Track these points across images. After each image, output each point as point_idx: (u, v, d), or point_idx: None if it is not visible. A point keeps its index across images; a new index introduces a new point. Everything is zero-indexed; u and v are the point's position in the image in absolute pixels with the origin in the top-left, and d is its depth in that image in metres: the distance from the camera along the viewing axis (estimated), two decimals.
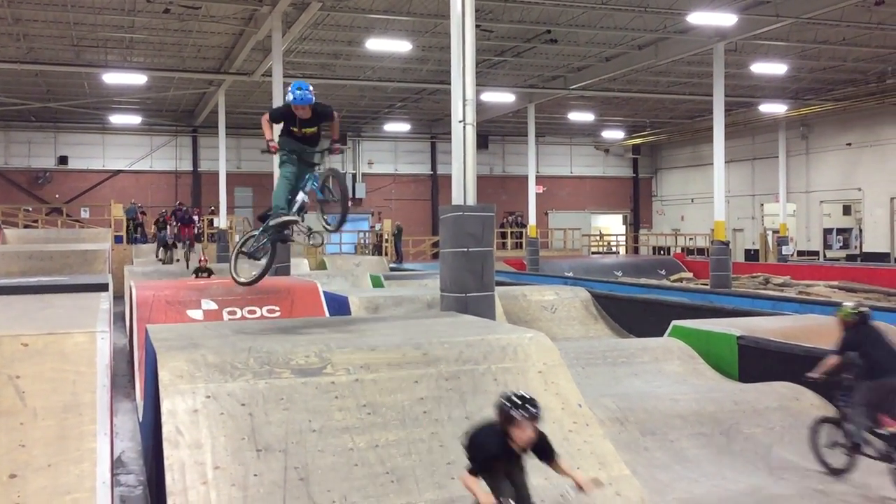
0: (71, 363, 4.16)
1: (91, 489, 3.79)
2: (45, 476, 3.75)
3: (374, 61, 23.91)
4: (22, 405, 3.92)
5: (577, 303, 15.42)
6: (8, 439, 3.82)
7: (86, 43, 21.29)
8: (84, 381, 4.10)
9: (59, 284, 9.33)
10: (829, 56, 23.79)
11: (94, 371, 4.19)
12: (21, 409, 3.91)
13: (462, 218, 7.95)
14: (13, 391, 3.94)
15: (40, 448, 3.83)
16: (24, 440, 3.85)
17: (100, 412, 4.09)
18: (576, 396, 5.62)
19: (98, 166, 33.58)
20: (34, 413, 3.93)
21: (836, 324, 6.62)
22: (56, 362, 4.13)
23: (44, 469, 3.78)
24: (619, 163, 41.79)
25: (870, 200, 30.60)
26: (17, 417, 3.90)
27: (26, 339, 4.16)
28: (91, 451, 3.91)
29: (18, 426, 3.87)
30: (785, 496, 6.06)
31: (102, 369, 4.25)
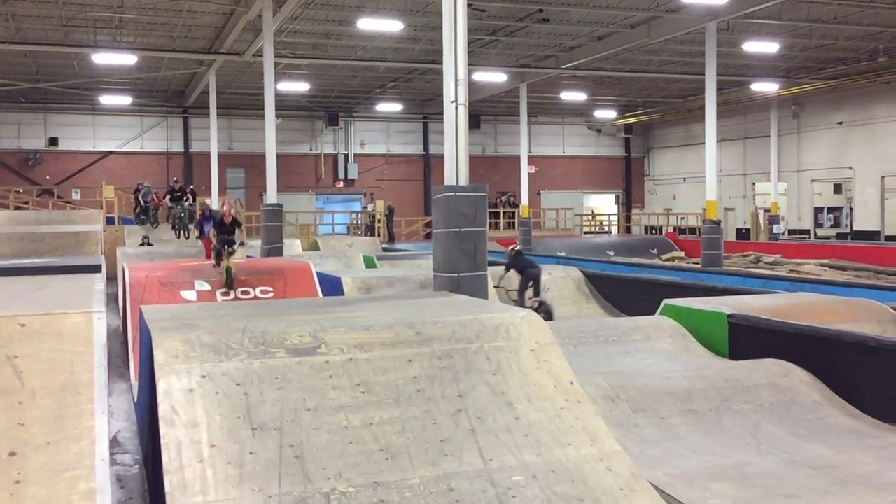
0: (68, 343, 4.20)
1: (90, 466, 3.85)
2: (44, 454, 3.81)
3: (365, 41, 23.81)
4: (20, 385, 3.96)
5: (570, 282, 15.54)
6: (7, 418, 3.87)
7: (75, 23, 21.12)
8: (81, 361, 4.15)
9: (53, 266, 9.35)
10: (821, 35, 23.79)
11: (91, 351, 4.23)
12: (19, 388, 3.96)
13: (454, 198, 7.99)
14: (11, 371, 3.99)
15: (39, 426, 3.88)
16: (23, 419, 3.90)
17: (97, 391, 4.14)
18: (567, 374, 5.69)
19: (89, 147, 33.45)
20: (32, 392, 3.98)
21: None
22: (53, 342, 4.18)
23: (43, 447, 3.84)
24: (612, 142, 41.80)
25: (860, 179, 30.73)
26: (15, 397, 3.95)
27: (24, 320, 4.21)
28: (89, 429, 3.96)
29: (17, 405, 3.92)
30: (773, 471, 6.15)
31: (99, 349, 4.29)
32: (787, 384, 7.60)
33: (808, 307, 9.62)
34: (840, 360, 7.76)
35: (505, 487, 4.75)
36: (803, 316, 8.89)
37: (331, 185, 36.98)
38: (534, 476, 4.82)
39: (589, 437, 5.25)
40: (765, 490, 5.76)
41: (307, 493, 4.49)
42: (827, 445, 6.72)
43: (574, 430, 5.27)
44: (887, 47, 25.42)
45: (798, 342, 8.15)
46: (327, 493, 4.51)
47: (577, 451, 5.11)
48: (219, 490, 4.38)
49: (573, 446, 5.13)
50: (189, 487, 4.34)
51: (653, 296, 12.03)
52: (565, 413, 5.39)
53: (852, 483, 5.89)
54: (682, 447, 6.59)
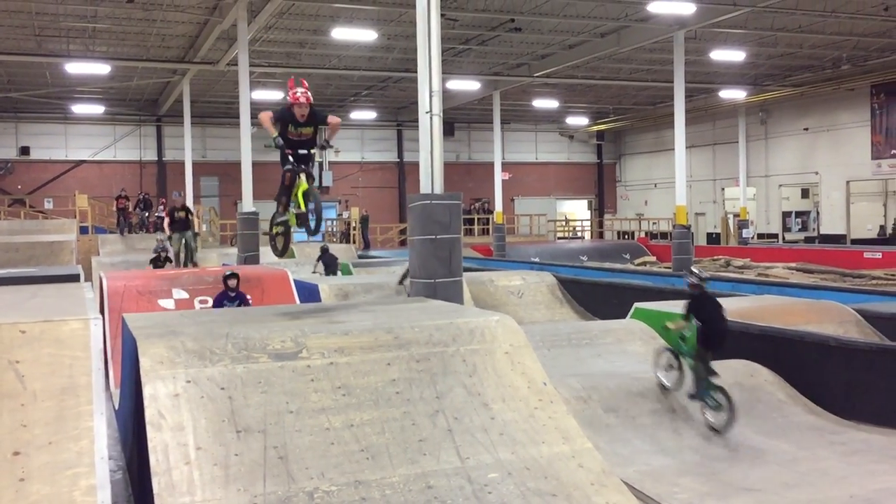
0: (67, 348, 4.35)
1: (90, 464, 4.00)
2: (46, 453, 3.96)
3: (339, 50, 23.98)
4: (22, 388, 4.11)
5: (543, 287, 15.77)
6: (10, 419, 4.02)
7: (48, 33, 21.09)
8: (80, 365, 4.30)
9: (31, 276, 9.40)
10: (786, 43, 24.34)
11: (88, 355, 4.38)
12: (21, 391, 4.10)
13: (430, 206, 8.18)
14: (13, 375, 4.12)
15: (41, 427, 4.02)
16: (26, 420, 4.04)
17: (95, 393, 4.29)
18: (541, 375, 5.89)
19: (61, 156, 33.22)
20: (34, 395, 4.12)
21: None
22: (53, 348, 4.32)
23: (45, 447, 3.98)
24: (584, 149, 42.25)
25: (827, 184, 31.36)
26: (18, 399, 4.10)
27: (24, 327, 4.35)
28: (89, 429, 4.11)
29: (20, 407, 4.06)
30: (739, 467, 6.41)
31: (97, 354, 4.44)
32: (753, 384, 7.88)
33: (774, 309, 9.92)
34: (803, 360, 8.05)
35: (481, 484, 4.95)
36: (769, 318, 9.18)
37: None
38: (509, 473, 5.02)
39: (561, 436, 5.46)
40: (730, 485, 6.01)
41: (291, 493, 4.65)
42: (790, 442, 6.99)
43: (547, 429, 5.47)
44: (850, 55, 26.04)
45: (763, 343, 8.44)
46: (311, 492, 4.68)
47: (550, 448, 5.31)
48: (205, 491, 4.52)
49: (546, 444, 5.34)
50: (177, 488, 4.48)
51: (624, 300, 12.27)
52: (539, 413, 5.59)
53: (813, 477, 6.16)
54: (652, 445, 6.83)
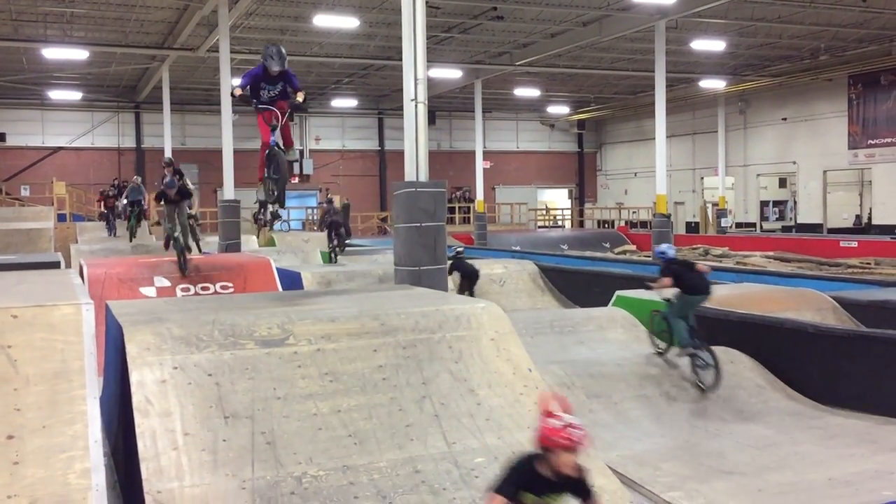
0: (59, 333, 4.35)
1: (84, 448, 4.01)
2: (40, 437, 3.97)
3: (321, 37, 23.85)
4: (14, 372, 4.11)
5: (525, 275, 15.85)
6: (4, 403, 4.02)
7: (25, 17, 20.78)
8: (72, 350, 4.30)
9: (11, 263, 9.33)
10: (766, 33, 24.50)
11: (81, 340, 4.38)
12: (14, 375, 4.10)
13: (415, 194, 8.21)
14: (6, 359, 4.13)
15: (34, 412, 4.03)
16: (19, 404, 4.05)
17: (88, 378, 4.30)
18: (526, 362, 5.96)
19: (37, 143, 32.83)
20: (27, 379, 4.13)
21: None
22: (45, 332, 4.32)
23: (39, 430, 3.99)
24: (565, 138, 42.35)
25: (804, 173, 31.68)
26: (10, 384, 4.10)
27: (16, 311, 4.35)
28: (82, 413, 4.12)
29: (13, 392, 4.07)
30: (719, 451, 6.51)
31: (89, 338, 4.44)
32: (733, 370, 7.99)
33: (753, 297, 10.05)
34: (782, 346, 8.17)
35: (468, 468, 5.01)
36: (748, 305, 9.30)
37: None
38: (495, 457, 5.08)
39: None
40: (711, 468, 6.11)
41: (279, 478, 4.69)
42: (769, 426, 7.11)
43: (533, 414, 5.51)
44: (828, 45, 26.27)
45: (743, 330, 8.56)
46: (299, 476, 4.72)
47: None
48: (194, 476, 4.55)
49: (532, 429, 5.38)
50: (165, 473, 4.50)
51: (606, 288, 12.37)
52: (524, 398, 5.66)
53: (792, 460, 6.27)
54: (634, 430, 6.92)
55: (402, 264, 8.35)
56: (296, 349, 5.51)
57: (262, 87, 7.76)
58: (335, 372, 5.45)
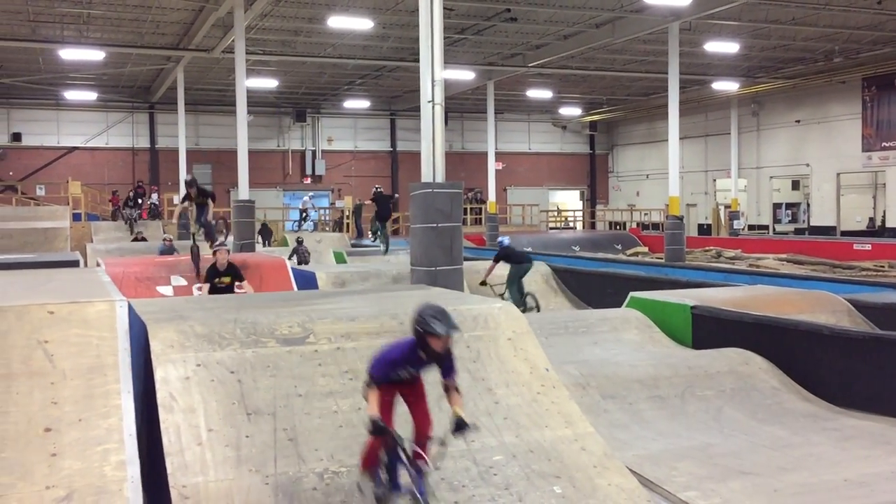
0: (94, 329, 4.44)
1: (119, 441, 4.11)
2: (77, 429, 4.06)
3: (334, 38, 23.96)
4: (51, 367, 4.21)
5: (538, 277, 15.89)
6: (42, 397, 4.12)
7: (42, 18, 20.99)
8: (106, 345, 4.40)
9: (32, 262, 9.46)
10: (780, 35, 24.46)
11: (115, 336, 4.48)
12: (51, 370, 4.21)
13: (432, 195, 8.27)
14: (43, 354, 4.22)
15: (71, 405, 4.13)
16: (56, 398, 4.15)
17: (122, 372, 4.39)
18: (543, 361, 6.01)
19: (53, 143, 33.10)
20: (63, 374, 4.22)
21: None
22: (80, 328, 4.42)
23: (75, 423, 4.09)
24: (577, 139, 42.34)
25: (817, 176, 31.58)
26: (48, 378, 4.20)
27: (52, 308, 4.45)
28: (117, 407, 4.22)
29: (50, 385, 4.16)
30: (735, 451, 6.54)
31: (122, 334, 4.53)
32: (747, 371, 8.00)
33: (767, 299, 10.05)
34: (797, 348, 8.18)
35: (487, 466, 5.06)
36: (762, 307, 9.31)
37: (298, 182, 37.02)
38: (513, 455, 5.13)
39: (564, 420, 5.58)
40: (727, 468, 6.13)
41: (301, 473, 4.76)
42: (784, 428, 7.12)
43: (550, 413, 5.59)
44: (843, 48, 26.19)
45: (757, 332, 8.57)
46: (320, 472, 4.78)
47: (553, 432, 5.43)
48: (218, 471, 4.62)
49: (549, 428, 5.46)
50: (189, 468, 4.58)
51: (619, 289, 12.41)
52: (541, 397, 5.71)
53: (807, 462, 6.29)
54: (650, 430, 6.95)
55: (419, 264, 8.41)
56: (316, 347, 5.58)
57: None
58: (355, 370, 5.51)
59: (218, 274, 10.52)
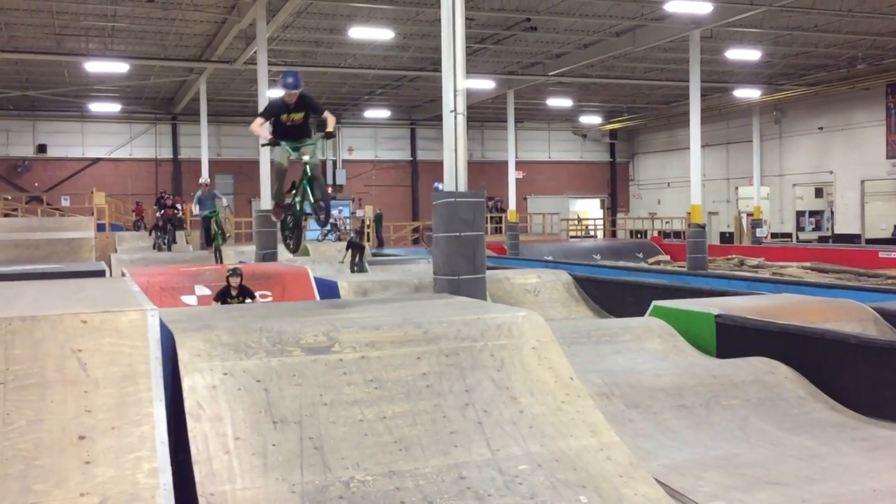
0: (126, 338, 4.51)
1: (152, 448, 4.16)
2: (110, 437, 4.12)
3: (355, 49, 24.11)
4: (85, 375, 4.27)
5: (559, 285, 15.85)
6: (75, 405, 4.18)
7: (68, 32, 21.30)
8: (138, 354, 4.46)
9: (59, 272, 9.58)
10: (802, 42, 24.33)
11: (146, 345, 4.54)
12: (84, 378, 4.27)
13: (454, 204, 8.29)
14: (76, 363, 4.29)
15: (104, 413, 4.19)
16: (90, 406, 4.21)
17: (154, 381, 4.45)
18: (567, 370, 6.00)
19: (77, 154, 33.51)
20: (96, 382, 4.29)
21: None
22: (112, 337, 4.49)
23: (108, 431, 4.14)
24: (597, 148, 42.27)
25: (841, 183, 31.31)
26: (81, 386, 4.27)
27: (85, 317, 4.51)
28: (149, 415, 4.27)
29: (83, 394, 4.23)
30: (761, 461, 6.49)
31: (154, 343, 4.59)
32: (773, 380, 7.95)
33: (792, 307, 9.98)
34: (823, 357, 8.11)
35: (512, 475, 5.06)
36: (787, 316, 9.24)
37: None
38: (539, 465, 5.13)
39: (589, 429, 5.56)
40: (753, 479, 6.09)
41: (328, 482, 4.78)
42: (811, 438, 7.06)
43: (575, 423, 5.58)
44: (866, 54, 26.00)
45: (783, 340, 8.51)
46: (346, 481, 4.80)
47: (578, 441, 5.42)
48: (245, 479, 4.66)
49: (574, 437, 5.44)
50: (217, 476, 4.61)
51: (641, 298, 12.35)
52: (566, 406, 5.70)
53: (836, 472, 6.24)
54: (675, 440, 6.91)
55: (441, 273, 8.43)
56: (341, 356, 5.61)
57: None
58: (380, 379, 5.54)
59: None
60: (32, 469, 4.11)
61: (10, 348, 4.51)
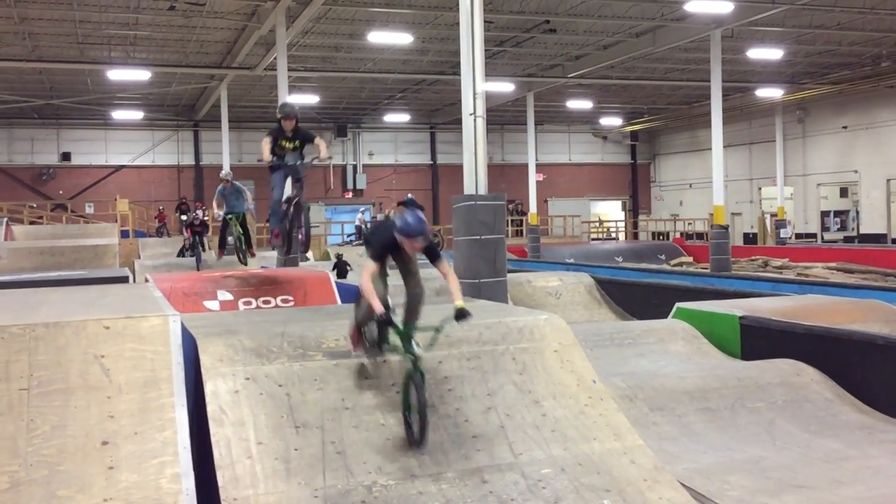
0: (148, 343, 4.53)
1: (174, 453, 4.18)
2: (133, 443, 4.14)
3: (374, 53, 24.18)
4: (108, 381, 4.30)
5: (581, 288, 15.77)
6: (98, 411, 4.21)
7: (90, 40, 21.53)
8: (161, 360, 4.48)
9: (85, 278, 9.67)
10: (825, 40, 24.08)
11: (168, 350, 4.56)
12: (107, 384, 4.30)
13: (475, 207, 8.28)
14: (99, 369, 4.32)
15: (127, 418, 4.21)
16: (112, 412, 4.24)
17: (176, 386, 4.47)
18: (590, 373, 5.96)
19: (101, 162, 33.86)
20: (119, 388, 4.31)
21: None
22: (135, 343, 4.52)
23: (131, 437, 4.17)
24: (618, 149, 42.08)
25: (866, 182, 30.94)
26: (104, 392, 4.29)
27: (107, 323, 4.55)
28: (171, 420, 4.29)
29: (106, 399, 4.26)
30: (788, 464, 6.40)
31: (176, 348, 4.62)
32: (799, 382, 7.84)
33: (818, 308, 9.86)
34: (850, 358, 8.00)
35: (535, 479, 5.02)
36: (813, 317, 9.12)
37: (339, 196, 37.34)
38: (562, 469, 5.09)
39: (612, 432, 5.52)
40: (780, 482, 6.01)
41: (350, 486, 4.77)
42: (839, 440, 6.96)
43: (598, 426, 5.53)
44: (890, 52, 25.69)
45: (809, 342, 8.40)
46: (369, 485, 4.79)
47: (601, 445, 5.38)
48: (268, 483, 4.66)
49: (598, 441, 5.40)
50: (240, 481, 4.62)
51: (663, 300, 12.25)
52: (589, 410, 5.66)
53: (864, 475, 6.14)
54: (700, 443, 6.84)
55: (462, 277, 8.41)
56: (363, 360, 5.60)
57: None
58: (401, 384, 5.52)
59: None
60: (56, 475, 4.14)
61: (33, 354, 4.55)
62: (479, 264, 8.19)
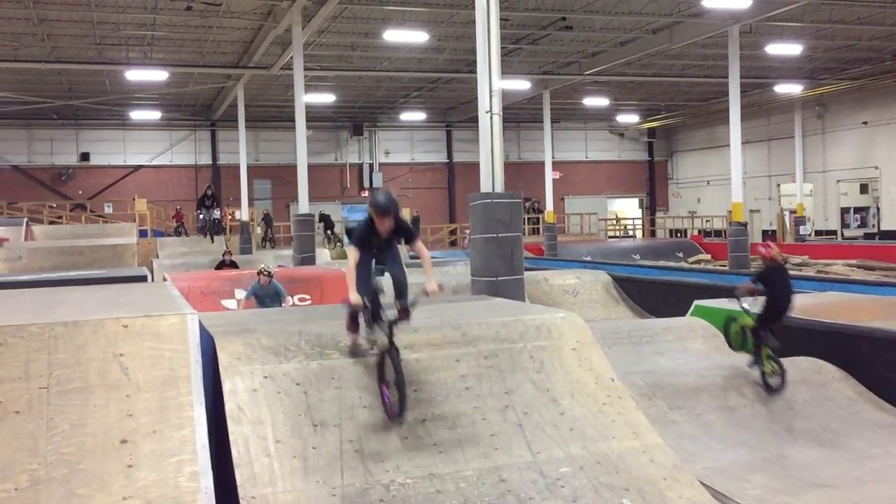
0: (166, 342, 4.55)
1: (193, 452, 4.19)
2: (151, 441, 4.16)
3: (390, 52, 24.17)
4: (127, 380, 4.32)
5: (599, 286, 15.73)
6: (117, 409, 4.23)
7: (108, 41, 21.66)
8: (179, 358, 4.49)
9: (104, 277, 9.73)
10: (844, 35, 23.83)
11: (187, 349, 4.57)
12: (126, 383, 4.31)
13: (491, 205, 8.25)
14: (118, 367, 4.34)
15: (146, 417, 4.23)
16: (131, 410, 4.25)
17: (194, 384, 4.47)
18: (608, 371, 5.92)
19: (119, 162, 34.07)
20: (138, 386, 4.33)
21: None
22: (153, 341, 4.53)
23: (150, 435, 4.18)
24: (635, 147, 41.87)
25: (887, 178, 30.61)
26: (123, 390, 4.31)
27: (126, 322, 4.57)
28: (189, 418, 4.30)
29: (125, 398, 4.27)
30: (809, 463, 6.34)
31: (194, 347, 4.63)
32: (820, 381, 7.77)
33: (839, 306, 9.76)
34: (872, 356, 7.91)
35: (553, 478, 5.00)
36: (834, 314, 9.03)
37: (356, 195, 37.38)
38: (581, 467, 5.07)
39: (631, 431, 5.48)
40: (802, 481, 5.95)
41: (368, 485, 4.76)
42: (861, 439, 6.89)
43: (617, 424, 5.50)
44: None
45: (829, 340, 8.31)
46: (387, 484, 4.79)
47: (620, 443, 5.35)
48: (286, 482, 4.67)
49: (616, 439, 5.37)
50: (258, 479, 4.63)
51: (681, 298, 12.17)
52: (607, 408, 5.63)
53: (888, 474, 6.07)
54: (719, 442, 6.79)
55: (480, 275, 8.39)
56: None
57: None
58: (419, 381, 5.52)
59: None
60: (76, 473, 4.16)
61: (53, 353, 4.58)
62: (496, 262, 8.16)
